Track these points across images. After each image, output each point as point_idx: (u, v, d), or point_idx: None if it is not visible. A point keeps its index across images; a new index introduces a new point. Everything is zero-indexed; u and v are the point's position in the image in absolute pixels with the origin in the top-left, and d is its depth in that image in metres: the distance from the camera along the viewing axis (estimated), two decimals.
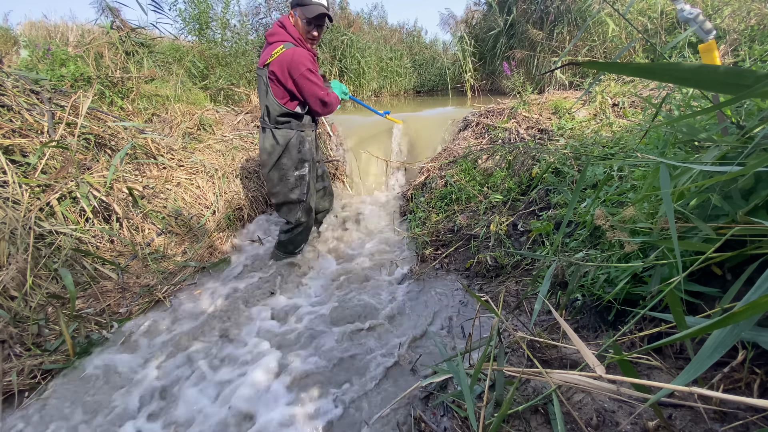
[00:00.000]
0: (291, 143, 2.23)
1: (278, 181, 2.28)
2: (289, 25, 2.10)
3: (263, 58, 2.13)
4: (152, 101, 3.49)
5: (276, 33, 2.11)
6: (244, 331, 1.82)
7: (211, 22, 5.07)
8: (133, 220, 2.39)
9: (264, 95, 2.17)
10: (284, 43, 2.07)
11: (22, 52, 3.54)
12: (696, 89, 1.28)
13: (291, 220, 2.38)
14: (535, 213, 2.10)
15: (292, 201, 2.33)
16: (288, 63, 2.03)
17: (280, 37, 2.09)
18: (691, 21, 1.02)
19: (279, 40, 2.09)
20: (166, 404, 1.43)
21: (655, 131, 1.39)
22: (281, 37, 2.09)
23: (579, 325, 1.35)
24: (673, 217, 0.76)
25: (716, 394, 0.52)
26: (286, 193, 2.30)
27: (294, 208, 2.36)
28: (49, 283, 1.87)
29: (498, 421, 0.88)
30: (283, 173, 2.27)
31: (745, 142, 0.89)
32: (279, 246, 2.48)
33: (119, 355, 1.65)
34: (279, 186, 2.29)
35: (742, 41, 2.96)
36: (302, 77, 2.05)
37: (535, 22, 5.31)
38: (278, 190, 2.30)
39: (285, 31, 2.10)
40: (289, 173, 2.27)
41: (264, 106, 2.19)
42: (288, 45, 2.06)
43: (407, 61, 8.21)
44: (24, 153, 2.25)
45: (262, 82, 2.15)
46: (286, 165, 2.26)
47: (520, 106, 3.28)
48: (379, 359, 1.55)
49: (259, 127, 2.28)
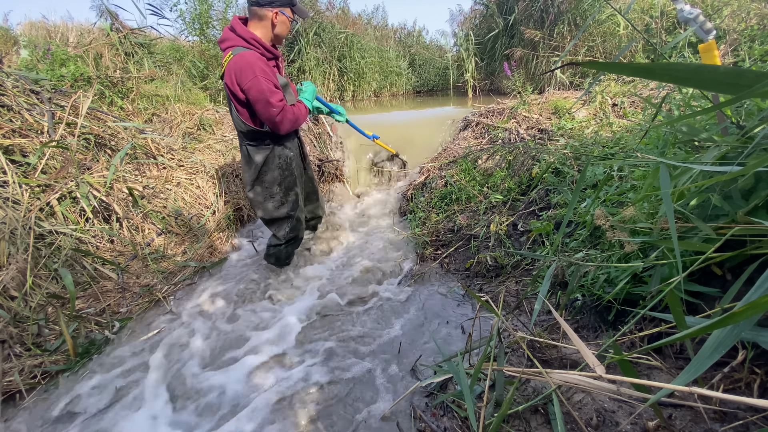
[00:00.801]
0: (269, 160, 1.98)
1: (263, 199, 2.06)
2: (241, 27, 1.78)
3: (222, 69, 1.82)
4: (152, 101, 3.49)
5: (227, 39, 1.78)
6: (242, 327, 1.82)
7: (212, 21, 5.07)
8: (133, 220, 2.39)
9: (230, 109, 1.90)
10: (233, 49, 1.74)
11: (22, 52, 3.55)
12: (696, 89, 1.28)
13: (279, 236, 2.17)
14: (535, 213, 2.10)
15: (279, 218, 2.12)
16: (236, 71, 1.71)
17: (232, 42, 1.77)
18: (691, 21, 1.02)
19: (228, 46, 1.77)
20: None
21: (655, 131, 1.39)
22: (233, 43, 1.76)
23: (579, 325, 1.35)
24: (673, 217, 0.76)
25: (716, 394, 0.52)
26: (272, 210, 2.08)
27: (283, 224, 2.15)
28: (49, 283, 1.88)
29: (498, 421, 0.88)
30: (268, 191, 2.04)
31: (745, 142, 0.89)
32: (268, 258, 2.32)
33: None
34: (264, 203, 2.07)
35: (742, 41, 2.96)
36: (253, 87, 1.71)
37: (535, 22, 5.31)
38: (264, 207, 2.08)
39: (235, 35, 1.77)
40: (274, 189, 2.04)
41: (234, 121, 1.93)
42: (237, 50, 1.73)
43: (407, 61, 8.21)
44: (24, 153, 2.26)
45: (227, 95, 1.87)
46: (268, 181, 2.03)
47: (520, 106, 3.29)
48: (379, 359, 1.55)
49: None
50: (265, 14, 1.78)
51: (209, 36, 5.11)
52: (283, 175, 2.04)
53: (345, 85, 7.02)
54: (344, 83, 7.01)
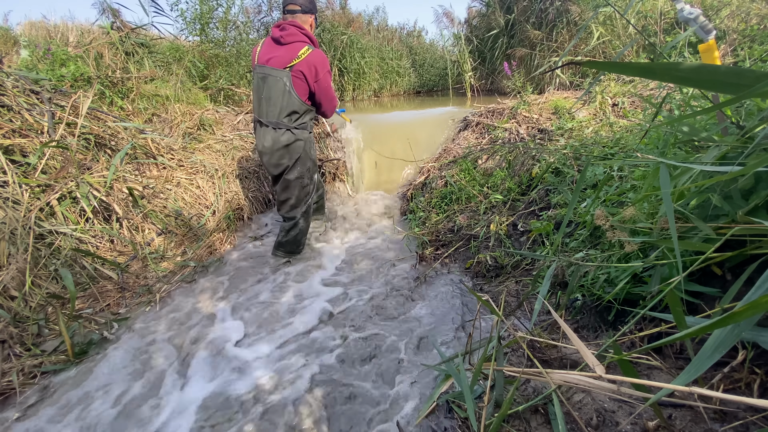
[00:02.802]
0: (308, 143, 2.34)
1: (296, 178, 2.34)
2: (306, 29, 2.20)
3: (282, 59, 2.14)
4: (152, 101, 3.49)
5: (294, 34, 2.15)
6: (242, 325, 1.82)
7: (212, 21, 5.07)
8: (133, 220, 2.39)
9: (281, 97, 2.17)
10: (307, 45, 2.15)
11: (22, 52, 3.54)
12: (696, 89, 1.29)
13: (295, 214, 2.42)
14: (535, 213, 2.10)
15: (303, 198, 2.41)
16: (318, 64, 2.15)
17: (300, 37, 2.16)
18: (691, 21, 1.02)
19: (298, 41, 2.15)
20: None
21: (655, 131, 1.39)
22: (300, 38, 2.16)
23: (579, 325, 1.35)
24: (673, 217, 0.76)
25: (716, 394, 0.52)
26: (299, 190, 2.38)
27: (302, 203, 2.42)
28: (49, 283, 1.88)
29: (498, 421, 0.88)
30: (302, 170, 2.35)
31: (745, 142, 0.89)
32: (281, 246, 2.48)
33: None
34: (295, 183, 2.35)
35: (741, 41, 2.96)
36: (327, 77, 2.21)
37: (534, 23, 5.31)
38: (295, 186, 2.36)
39: (303, 34, 2.17)
40: (306, 172, 2.38)
41: (279, 108, 2.19)
42: (311, 47, 2.16)
43: (407, 61, 8.21)
44: (24, 153, 2.25)
45: (281, 82, 2.15)
46: (305, 162, 2.35)
47: (520, 106, 3.29)
48: (378, 359, 1.55)
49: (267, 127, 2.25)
50: (306, 19, 2.22)
51: (210, 36, 5.10)
52: (313, 158, 2.43)
53: (345, 85, 7.02)
54: (344, 83, 7.01)
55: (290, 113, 2.21)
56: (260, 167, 3.32)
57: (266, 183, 3.32)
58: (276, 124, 2.22)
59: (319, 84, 2.20)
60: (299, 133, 2.27)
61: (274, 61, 2.16)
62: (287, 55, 2.13)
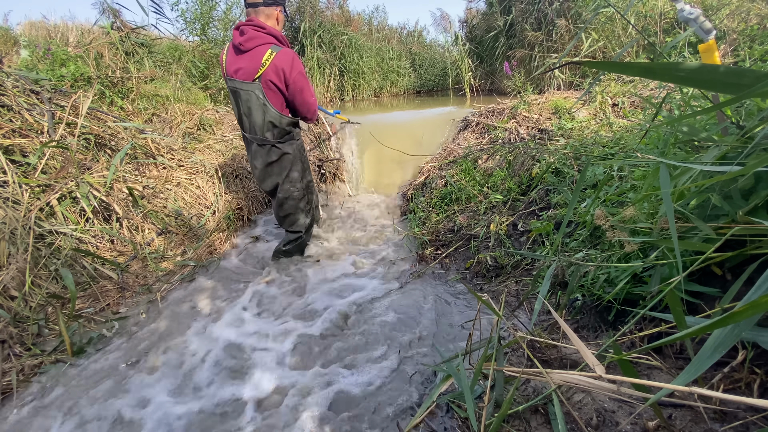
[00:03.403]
0: (296, 154, 2.20)
1: (290, 195, 2.26)
2: (268, 26, 1.92)
3: (248, 70, 1.90)
4: (152, 101, 3.49)
5: (255, 37, 1.89)
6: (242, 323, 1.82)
7: (213, 21, 5.07)
8: (133, 220, 2.39)
9: (259, 111, 1.98)
10: (270, 46, 1.89)
11: (22, 52, 3.54)
12: (696, 89, 1.29)
13: (299, 228, 2.37)
14: (535, 213, 2.10)
15: (302, 208, 2.34)
16: (285, 66, 1.89)
17: (263, 39, 1.90)
18: (691, 21, 1.02)
19: (261, 44, 1.90)
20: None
21: (655, 131, 1.39)
22: (263, 40, 1.90)
23: (579, 325, 1.35)
24: (673, 217, 0.76)
25: (716, 394, 0.52)
26: (297, 202, 2.30)
27: (305, 216, 2.37)
28: (49, 283, 1.88)
29: (498, 421, 0.88)
30: (294, 185, 2.25)
31: (745, 142, 0.89)
32: (285, 254, 2.43)
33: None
34: (293, 196, 2.27)
35: (741, 41, 2.96)
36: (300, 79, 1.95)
37: (533, 23, 5.31)
38: (291, 201, 2.28)
39: (267, 33, 1.91)
40: (299, 184, 2.27)
41: (260, 123, 2.02)
42: (275, 48, 1.90)
43: (407, 61, 8.21)
44: (24, 153, 2.25)
45: (254, 96, 1.94)
46: (295, 177, 2.23)
47: (520, 106, 3.29)
48: (378, 359, 1.55)
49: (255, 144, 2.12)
50: (271, 12, 1.96)
51: (210, 36, 5.11)
52: (303, 165, 2.29)
53: (345, 85, 7.02)
54: (344, 83, 7.01)
55: (271, 127, 2.04)
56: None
57: None
58: (261, 141, 2.08)
59: (291, 88, 1.96)
60: (285, 146, 2.13)
61: (242, 74, 1.93)
62: (252, 65, 1.90)
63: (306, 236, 2.45)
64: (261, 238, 2.81)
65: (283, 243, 2.42)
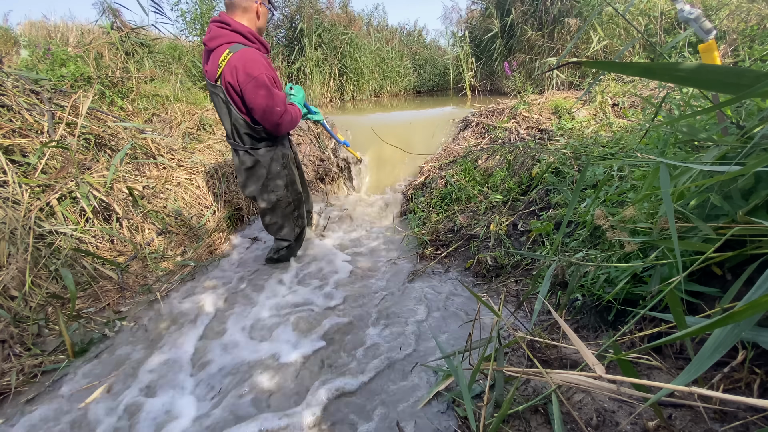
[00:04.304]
0: (275, 161, 2.00)
1: (275, 202, 2.10)
2: (234, 22, 1.76)
3: (211, 71, 1.78)
4: (152, 101, 3.49)
5: (219, 36, 1.74)
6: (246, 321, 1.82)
7: None
8: (133, 220, 2.39)
9: (226, 115, 1.86)
10: (230, 46, 1.72)
11: (22, 52, 3.54)
12: (696, 89, 1.29)
13: (289, 237, 2.26)
14: (535, 213, 2.10)
15: (288, 217, 2.20)
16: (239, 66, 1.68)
17: (226, 38, 1.73)
18: (691, 21, 1.02)
19: (223, 43, 1.73)
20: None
21: (655, 131, 1.39)
22: (227, 38, 1.74)
23: (579, 325, 1.35)
24: (673, 217, 0.76)
25: (716, 394, 0.52)
26: (282, 212, 2.16)
27: (292, 223, 2.24)
28: (49, 283, 1.88)
29: (498, 421, 0.88)
30: (275, 193, 2.07)
31: (745, 142, 0.89)
32: (276, 261, 2.36)
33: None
34: (275, 207, 2.12)
35: (741, 41, 2.96)
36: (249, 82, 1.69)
37: (533, 24, 5.31)
38: (274, 211, 2.14)
39: (230, 31, 1.74)
40: (282, 191, 2.07)
41: (228, 126, 1.90)
42: (236, 47, 1.71)
43: (407, 61, 8.21)
44: (24, 153, 2.26)
45: (220, 99, 1.82)
46: (277, 185, 2.05)
47: (520, 106, 3.29)
48: (378, 358, 1.55)
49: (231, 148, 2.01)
50: (249, 6, 1.78)
51: None
52: (288, 174, 2.09)
53: (345, 85, 7.02)
54: (344, 83, 7.00)
55: (239, 132, 1.90)
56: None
57: None
58: (233, 145, 1.98)
59: (243, 92, 1.71)
60: (260, 153, 1.96)
61: (208, 75, 1.82)
62: (212, 67, 1.76)
63: (296, 245, 2.34)
64: (260, 238, 2.80)
65: (273, 251, 2.33)
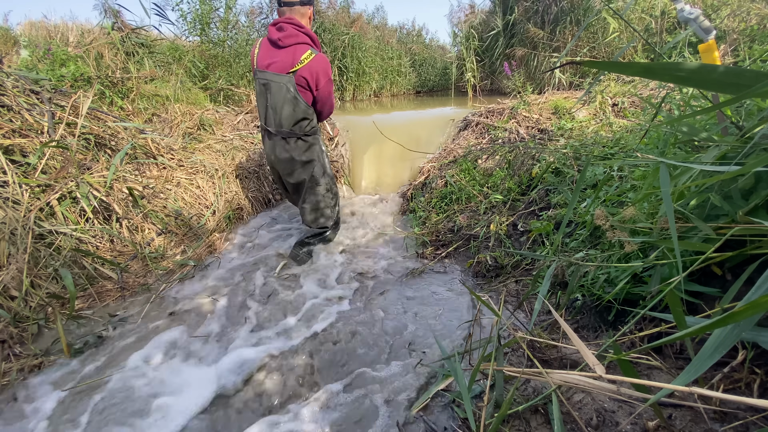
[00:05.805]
0: (321, 147, 2.31)
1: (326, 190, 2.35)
2: (305, 26, 2.01)
3: (283, 63, 1.98)
4: (152, 101, 3.49)
5: (293, 35, 1.97)
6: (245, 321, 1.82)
7: (213, 21, 5.07)
8: (133, 220, 2.39)
9: (289, 103, 2.05)
10: (310, 48, 2.00)
11: (22, 52, 3.54)
12: (696, 89, 1.28)
13: (326, 223, 2.45)
14: (535, 213, 2.10)
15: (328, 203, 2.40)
16: (320, 71, 2.02)
17: (301, 39, 1.98)
18: (691, 21, 1.02)
19: (299, 42, 1.98)
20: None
21: (655, 131, 1.39)
22: (301, 39, 1.99)
23: (579, 325, 1.35)
24: (673, 217, 0.76)
25: (716, 394, 0.52)
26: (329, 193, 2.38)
27: (329, 209, 2.43)
28: (49, 283, 1.87)
29: (498, 421, 0.88)
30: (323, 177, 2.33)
31: (745, 142, 0.89)
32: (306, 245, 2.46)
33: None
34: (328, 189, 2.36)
35: (741, 41, 2.96)
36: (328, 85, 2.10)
37: (536, 22, 5.31)
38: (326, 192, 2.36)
39: (304, 33, 1.99)
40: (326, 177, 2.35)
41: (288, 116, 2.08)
42: (314, 51, 2.00)
43: (407, 61, 8.21)
44: (24, 153, 2.25)
45: (284, 89, 2.01)
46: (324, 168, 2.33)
47: (520, 106, 3.29)
48: (377, 357, 1.55)
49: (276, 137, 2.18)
50: (305, 12, 2.05)
51: (210, 36, 5.11)
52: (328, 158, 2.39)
53: (345, 85, 7.02)
54: (344, 83, 7.01)
55: (299, 120, 2.11)
56: (260, 167, 3.32)
57: (266, 183, 3.32)
58: (287, 134, 2.14)
59: (321, 92, 2.10)
60: (311, 139, 2.22)
61: (276, 66, 2.00)
62: (288, 59, 1.98)
63: (331, 233, 2.52)
64: (260, 238, 2.80)
65: (306, 236, 2.48)
